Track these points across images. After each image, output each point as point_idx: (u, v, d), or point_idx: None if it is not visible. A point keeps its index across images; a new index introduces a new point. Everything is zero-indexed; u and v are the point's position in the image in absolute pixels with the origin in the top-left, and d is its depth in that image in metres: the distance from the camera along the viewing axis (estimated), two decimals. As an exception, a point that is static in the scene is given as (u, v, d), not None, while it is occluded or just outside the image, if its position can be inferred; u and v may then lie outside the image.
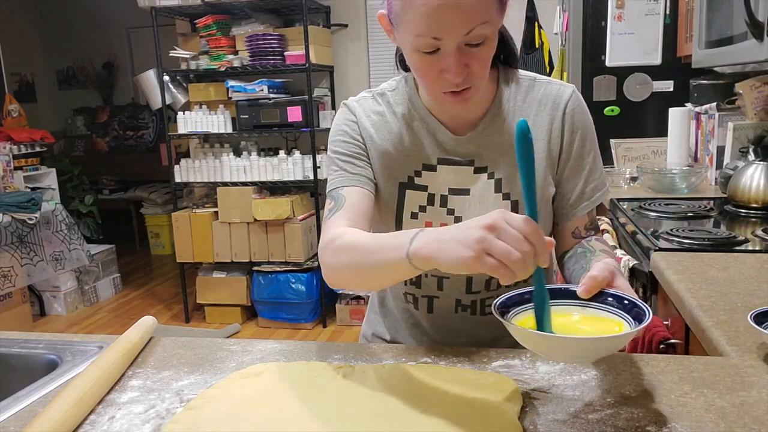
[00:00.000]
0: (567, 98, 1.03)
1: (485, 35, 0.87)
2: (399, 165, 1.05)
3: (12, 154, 4.00)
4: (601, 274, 0.77)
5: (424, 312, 1.12)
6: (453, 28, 0.84)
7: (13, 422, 0.79)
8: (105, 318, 4.16)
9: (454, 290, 1.07)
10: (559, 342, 0.70)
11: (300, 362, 0.91)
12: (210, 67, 3.75)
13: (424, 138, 1.04)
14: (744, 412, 0.72)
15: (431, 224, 1.03)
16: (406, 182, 1.04)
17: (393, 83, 1.09)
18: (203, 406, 0.79)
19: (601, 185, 1.07)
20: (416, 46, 0.88)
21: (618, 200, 2.11)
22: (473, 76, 0.90)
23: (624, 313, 0.74)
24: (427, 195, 1.04)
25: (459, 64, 0.87)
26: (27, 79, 5.96)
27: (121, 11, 5.58)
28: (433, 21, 0.84)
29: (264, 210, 3.68)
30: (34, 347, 1.03)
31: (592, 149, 1.05)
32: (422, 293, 1.10)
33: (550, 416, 0.74)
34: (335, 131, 1.07)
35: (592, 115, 1.09)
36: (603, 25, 2.67)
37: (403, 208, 1.04)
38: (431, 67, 0.90)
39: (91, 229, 5.06)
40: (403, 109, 1.06)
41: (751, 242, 1.50)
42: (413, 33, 0.87)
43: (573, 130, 1.03)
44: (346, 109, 1.08)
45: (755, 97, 2.15)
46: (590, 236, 1.07)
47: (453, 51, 0.86)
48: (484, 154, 1.03)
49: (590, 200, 1.06)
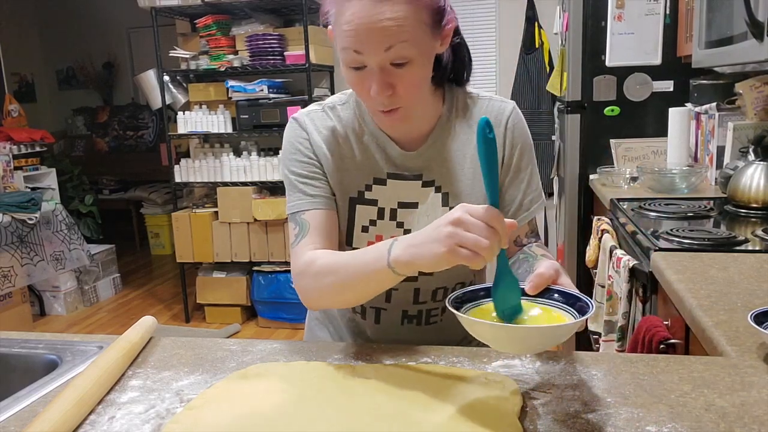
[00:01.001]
0: (508, 114, 1.06)
1: (408, 56, 0.89)
2: (350, 180, 1.05)
3: (12, 154, 4.00)
4: (547, 271, 0.82)
5: (370, 322, 1.13)
6: (372, 44, 0.87)
7: (13, 422, 0.79)
8: (105, 318, 4.16)
9: (402, 301, 1.09)
10: (508, 331, 0.73)
11: (300, 362, 0.91)
12: (210, 67, 3.75)
13: (374, 152, 1.05)
14: (744, 412, 0.72)
15: (381, 238, 1.04)
16: (356, 197, 1.05)
17: (343, 97, 1.09)
18: (203, 406, 0.79)
19: (538, 197, 1.10)
20: (344, 60, 0.92)
21: (618, 200, 2.11)
22: (398, 98, 0.92)
23: (568, 306, 0.79)
24: (377, 209, 1.05)
25: (382, 83, 0.90)
26: (27, 79, 5.97)
27: (121, 11, 5.59)
28: (355, 37, 0.87)
29: (264, 210, 3.68)
30: (34, 347, 1.03)
31: (530, 163, 1.08)
32: (370, 304, 1.11)
33: (550, 416, 0.74)
34: (288, 149, 1.06)
35: (592, 115, 1.10)
36: (603, 25, 2.67)
37: (353, 224, 1.06)
38: (361, 84, 0.93)
39: (91, 229, 5.06)
40: (353, 123, 1.06)
41: (751, 242, 1.51)
42: (340, 46, 0.91)
43: (513, 145, 1.06)
44: (296, 125, 1.06)
45: (755, 97, 2.15)
46: (531, 243, 1.11)
47: (376, 69, 0.89)
48: (432, 168, 1.05)
49: (528, 211, 1.09)
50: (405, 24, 0.87)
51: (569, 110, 2.75)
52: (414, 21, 0.87)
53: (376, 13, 0.85)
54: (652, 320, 1.32)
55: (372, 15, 0.85)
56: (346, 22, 0.87)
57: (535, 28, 3.71)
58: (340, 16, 0.88)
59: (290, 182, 1.05)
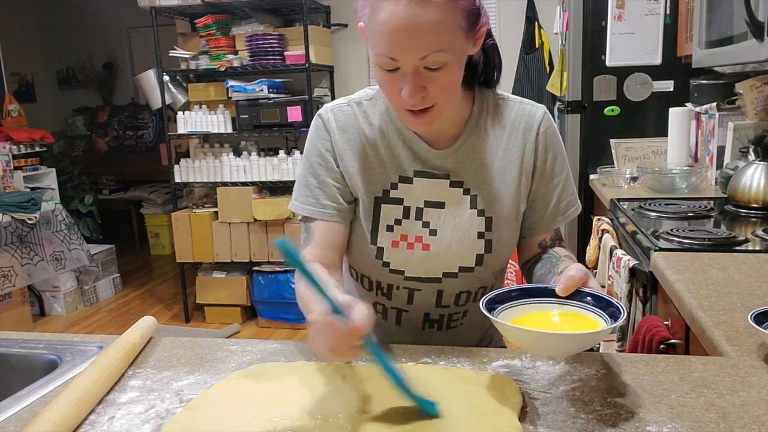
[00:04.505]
0: (539, 120, 1.05)
1: (443, 62, 0.88)
2: (375, 178, 1.04)
3: (12, 154, 4.00)
4: (577, 274, 0.83)
5: (392, 323, 1.13)
6: (408, 52, 0.86)
7: (13, 422, 0.79)
8: (105, 318, 4.16)
9: (424, 304, 1.08)
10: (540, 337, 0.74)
11: (300, 362, 0.91)
12: (210, 67, 3.75)
13: (400, 150, 1.04)
14: (744, 412, 0.72)
15: (406, 237, 1.04)
16: (381, 196, 1.04)
17: (371, 92, 1.08)
18: (203, 406, 0.79)
19: (574, 202, 1.10)
20: (377, 62, 0.90)
21: (618, 200, 2.11)
22: (431, 98, 0.91)
23: (600, 310, 0.80)
24: (403, 208, 1.04)
25: (415, 86, 0.88)
26: (27, 79, 5.96)
27: (121, 11, 5.59)
28: (390, 42, 0.86)
29: (264, 210, 3.68)
30: (34, 347, 1.02)
31: (564, 168, 1.08)
32: (392, 305, 1.11)
33: (550, 416, 0.74)
34: (311, 149, 1.07)
35: (592, 115, 1.10)
36: (603, 25, 2.67)
37: (378, 223, 1.05)
38: (391, 85, 0.91)
39: (91, 229, 5.06)
40: (379, 120, 1.05)
41: (751, 242, 1.51)
42: (374, 50, 0.89)
43: (546, 150, 1.05)
44: (321, 124, 1.06)
45: (755, 97, 2.15)
46: (555, 245, 1.11)
47: (409, 73, 0.88)
48: (461, 170, 1.04)
49: (564, 215, 1.09)
50: (442, 28, 0.85)
51: (569, 110, 2.75)
52: (451, 25, 0.86)
53: (412, 14, 0.83)
54: (653, 320, 1.32)
55: (408, 17, 0.83)
56: (381, 23, 0.85)
57: (535, 28, 3.71)
58: (375, 16, 0.86)
59: (307, 182, 1.06)
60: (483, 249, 1.04)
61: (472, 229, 1.03)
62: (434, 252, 1.03)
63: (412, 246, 1.03)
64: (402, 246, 1.04)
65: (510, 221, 1.05)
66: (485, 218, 1.03)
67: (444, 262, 1.04)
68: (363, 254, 1.06)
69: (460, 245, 1.03)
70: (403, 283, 1.06)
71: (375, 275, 1.08)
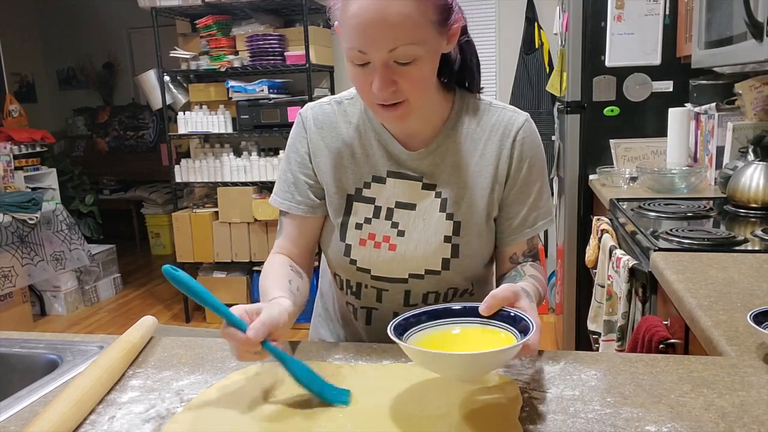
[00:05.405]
0: (518, 126, 1.04)
1: (414, 55, 0.88)
2: (348, 177, 1.05)
3: (12, 154, 4.00)
4: (502, 293, 0.82)
5: (362, 323, 1.14)
6: (377, 44, 0.87)
7: (13, 422, 0.79)
8: (105, 318, 4.16)
9: (393, 303, 1.09)
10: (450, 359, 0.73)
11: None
12: (210, 68, 3.76)
13: (375, 150, 1.05)
14: (744, 412, 0.72)
15: (374, 236, 1.04)
16: (354, 194, 1.05)
17: (353, 91, 1.08)
18: (203, 406, 0.79)
19: (545, 214, 1.08)
20: (348, 56, 0.91)
21: (618, 200, 2.11)
22: (401, 93, 0.91)
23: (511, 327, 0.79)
24: (374, 207, 1.05)
25: (385, 79, 0.89)
26: (27, 79, 5.96)
27: (122, 11, 5.59)
28: (360, 35, 0.87)
29: (264, 210, 3.68)
30: (35, 347, 1.03)
31: (539, 179, 1.06)
32: (361, 304, 1.12)
33: (550, 416, 0.74)
34: (290, 145, 1.10)
35: (591, 115, 1.10)
36: (603, 25, 2.67)
37: (348, 219, 1.06)
38: (363, 79, 0.92)
39: (92, 229, 5.06)
40: (357, 119, 1.06)
41: (750, 242, 1.51)
42: (346, 45, 0.90)
43: (521, 158, 1.04)
44: (300, 120, 1.09)
45: (755, 97, 2.15)
46: (527, 261, 1.09)
47: (379, 66, 0.88)
48: (435, 172, 1.04)
49: (532, 228, 1.07)
50: (411, 21, 0.85)
51: (569, 110, 2.75)
52: (420, 18, 0.86)
53: (382, 7, 0.84)
54: (652, 320, 1.32)
55: (378, 10, 0.84)
56: (352, 16, 0.86)
57: (535, 29, 3.71)
58: (346, 11, 0.87)
59: (285, 177, 1.09)
60: (449, 253, 1.03)
61: (439, 232, 1.03)
62: (400, 253, 1.04)
63: (379, 245, 1.04)
64: (369, 245, 1.04)
65: (480, 227, 1.04)
66: (453, 222, 1.03)
67: (410, 263, 1.04)
68: (334, 251, 1.08)
69: (426, 248, 1.03)
70: (371, 282, 1.07)
71: (344, 273, 1.10)
